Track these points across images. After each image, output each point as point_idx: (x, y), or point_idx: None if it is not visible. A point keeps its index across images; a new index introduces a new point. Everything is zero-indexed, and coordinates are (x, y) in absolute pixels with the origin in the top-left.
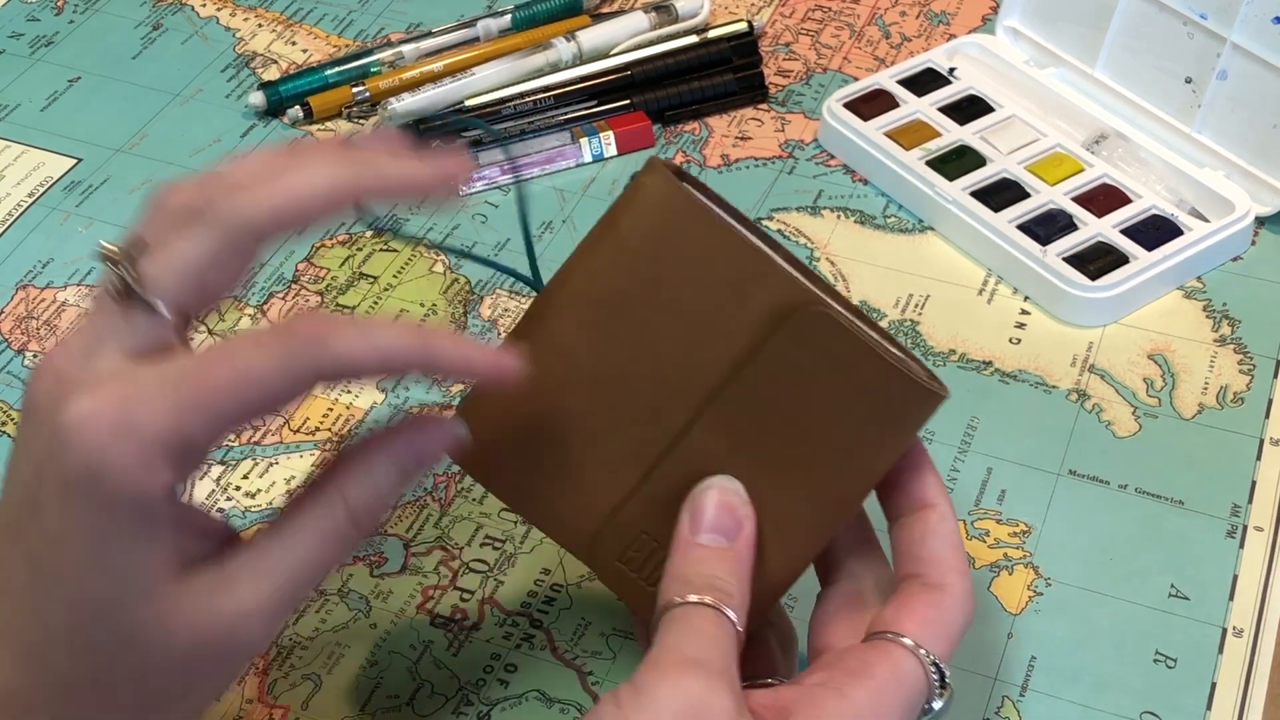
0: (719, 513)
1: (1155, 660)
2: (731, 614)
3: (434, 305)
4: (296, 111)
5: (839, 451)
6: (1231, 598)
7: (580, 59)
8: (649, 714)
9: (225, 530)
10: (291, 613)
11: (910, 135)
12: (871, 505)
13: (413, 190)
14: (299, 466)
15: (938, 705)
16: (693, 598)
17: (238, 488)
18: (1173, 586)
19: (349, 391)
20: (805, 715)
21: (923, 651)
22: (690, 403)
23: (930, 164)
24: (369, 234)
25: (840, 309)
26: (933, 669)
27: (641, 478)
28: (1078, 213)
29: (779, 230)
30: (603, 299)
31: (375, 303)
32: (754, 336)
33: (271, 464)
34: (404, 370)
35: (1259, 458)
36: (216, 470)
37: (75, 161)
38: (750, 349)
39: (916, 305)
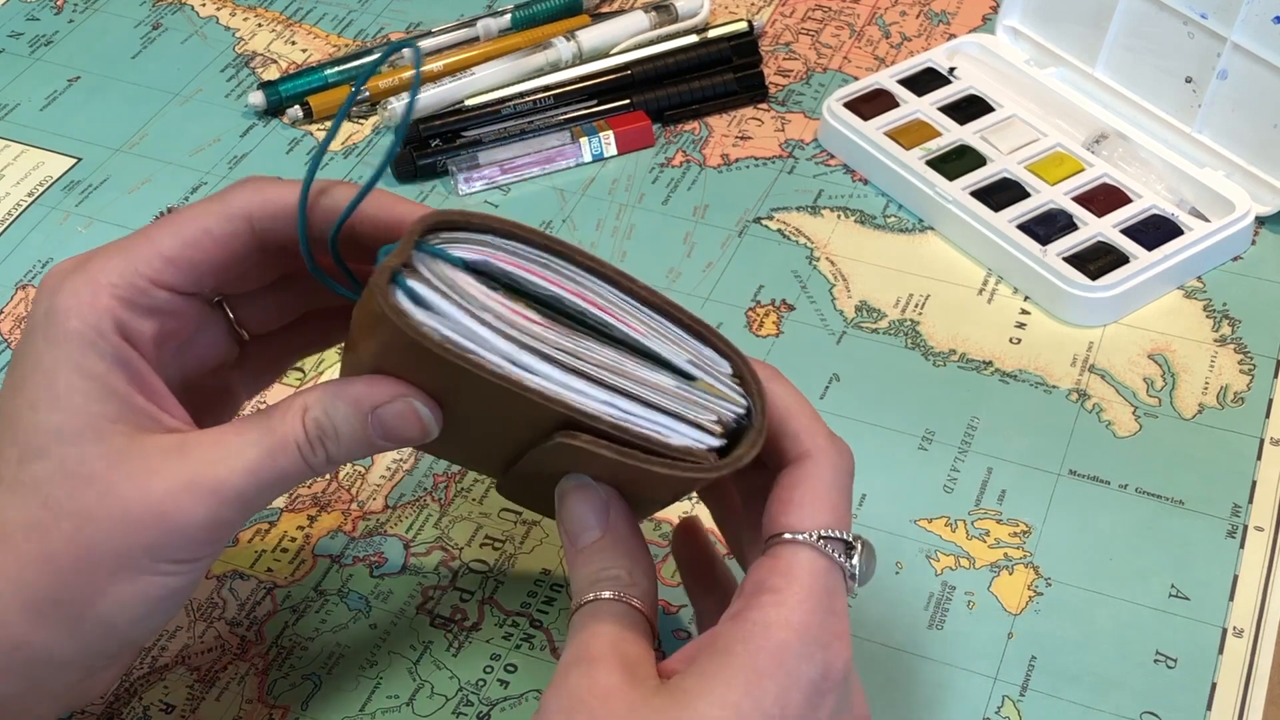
0: (582, 512)
1: (1155, 660)
2: (622, 595)
3: None
4: (296, 111)
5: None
6: (1232, 598)
7: (580, 59)
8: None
9: (188, 419)
10: (242, 516)
11: (910, 135)
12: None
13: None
14: None
15: (857, 571)
16: (592, 596)
17: None
18: (1173, 586)
19: None
20: (711, 649)
21: (804, 535)
22: (503, 460)
23: (930, 164)
24: None
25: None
26: (828, 544)
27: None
28: (1078, 212)
29: (779, 230)
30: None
31: None
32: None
33: None
34: (334, 212)
35: (1259, 458)
36: None
37: (75, 161)
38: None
39: (916, 305)
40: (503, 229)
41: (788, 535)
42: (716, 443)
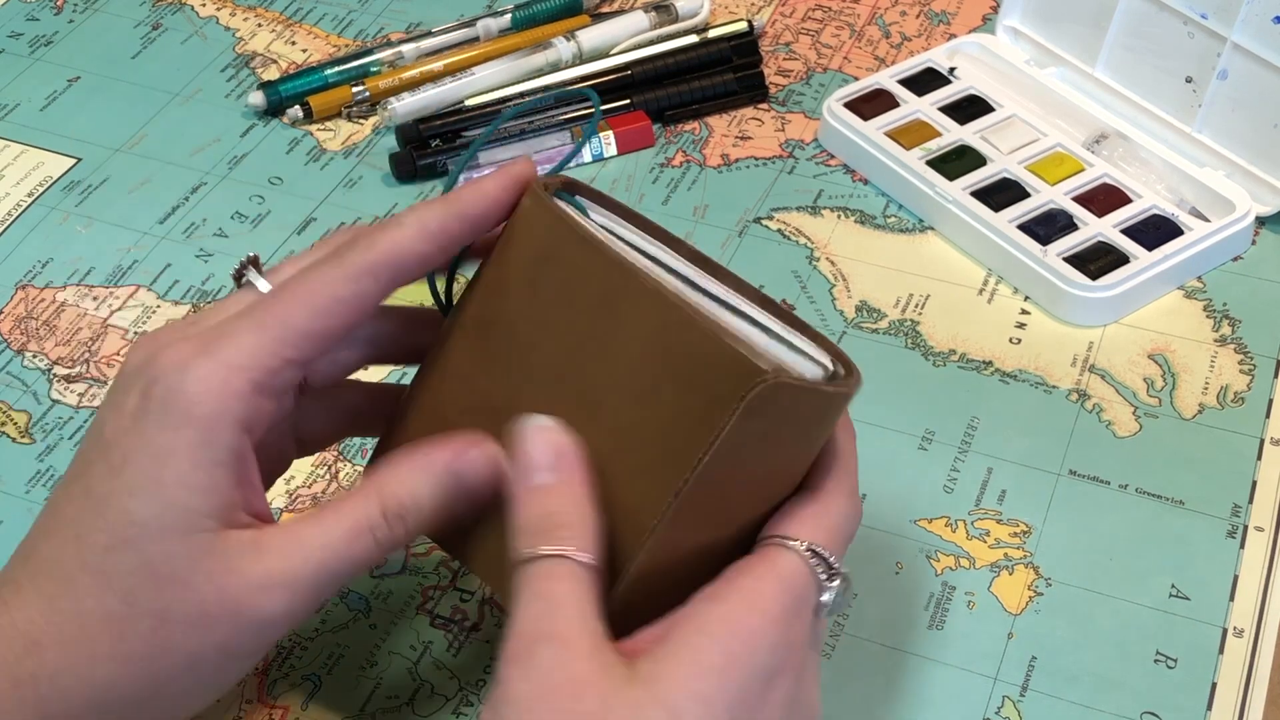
0: (540, 451)
1: (1156, 660)
2: (574, 552)
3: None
4: (296, 111)
5: (781, 477)
6: (1232, 598)
7: (580, 59)
8: (514, 710)
9: (269, 515)
10: (314, 604)
11: (910, 135)
12: None
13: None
14: (297, 465)
15: (828, 598)
16: (527, 551)
17: None
18: (1173, 587)
19: None
20: (682, 631)
21: (796, 543)
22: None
23: (930, 164)
24: None
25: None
26: (813, 557)
27: None
28: (1078, 212)
29: (779, 230)
30: (487, 324)
31: None
32: (654, 376)
33: None
34: (451, 244)
35: (1259, 458)
36: None
37: (75, 161)
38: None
39: (916, 305)
40: (622, 207)
41: (779, 538)
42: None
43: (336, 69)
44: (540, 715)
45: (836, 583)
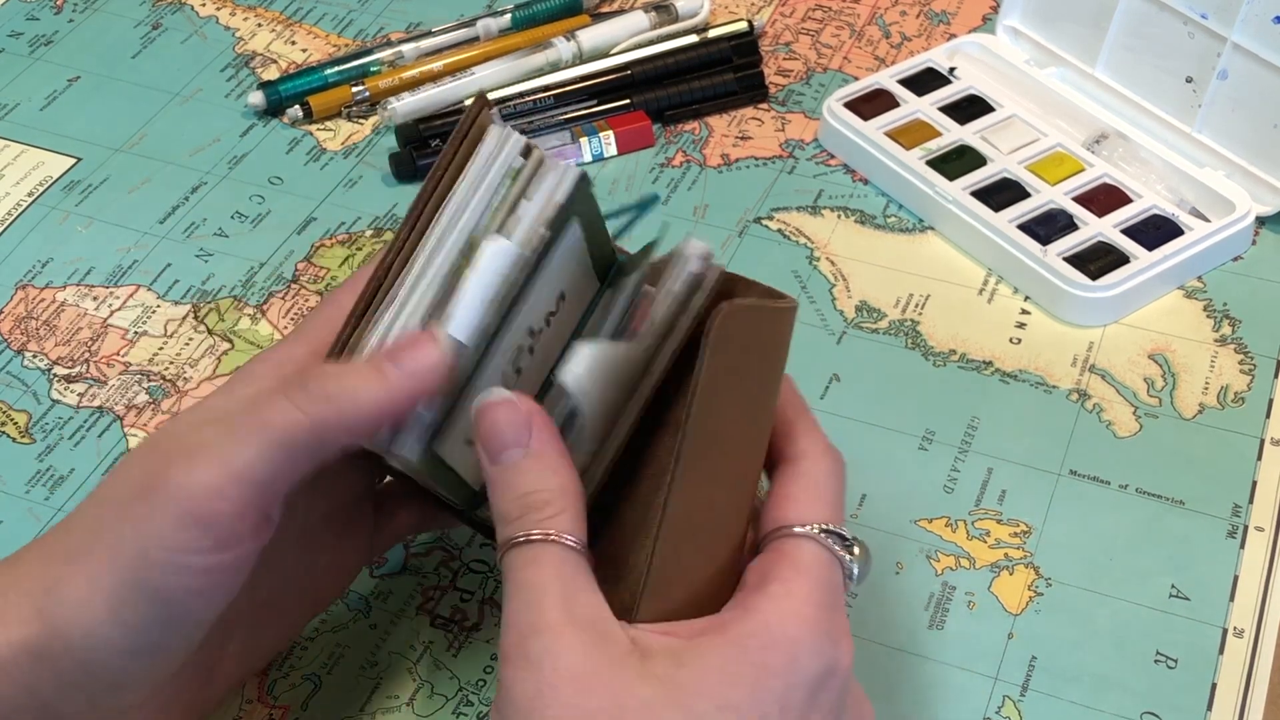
0: (505, 425)
1: (1156, 660)
2: (556, 534)
3: None
4: (296, 111)
5: (759, 418)
6: (1232, 598)
7: (580, 58)
8: (517, 713)
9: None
10: (264, 497)
11: (910, 135)
12: None
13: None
14: None
15: (855, 570)
16: (506, 538)
17: None
18: (1173, 587)
19: None
20: (714, 641)
21: (807, 527)
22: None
23: (930, 164)
24: (369, 233)
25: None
26: (827, 537)
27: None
28: (1078, 212)
29: (779, 230)
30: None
31: None
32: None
33: None
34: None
35: (1260, 458)
36: None
37: (75, 161)
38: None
39: (916, 305)
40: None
41: (791, 528)
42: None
43: (336, 69)
44: (544, 715)
45: (856, 551)
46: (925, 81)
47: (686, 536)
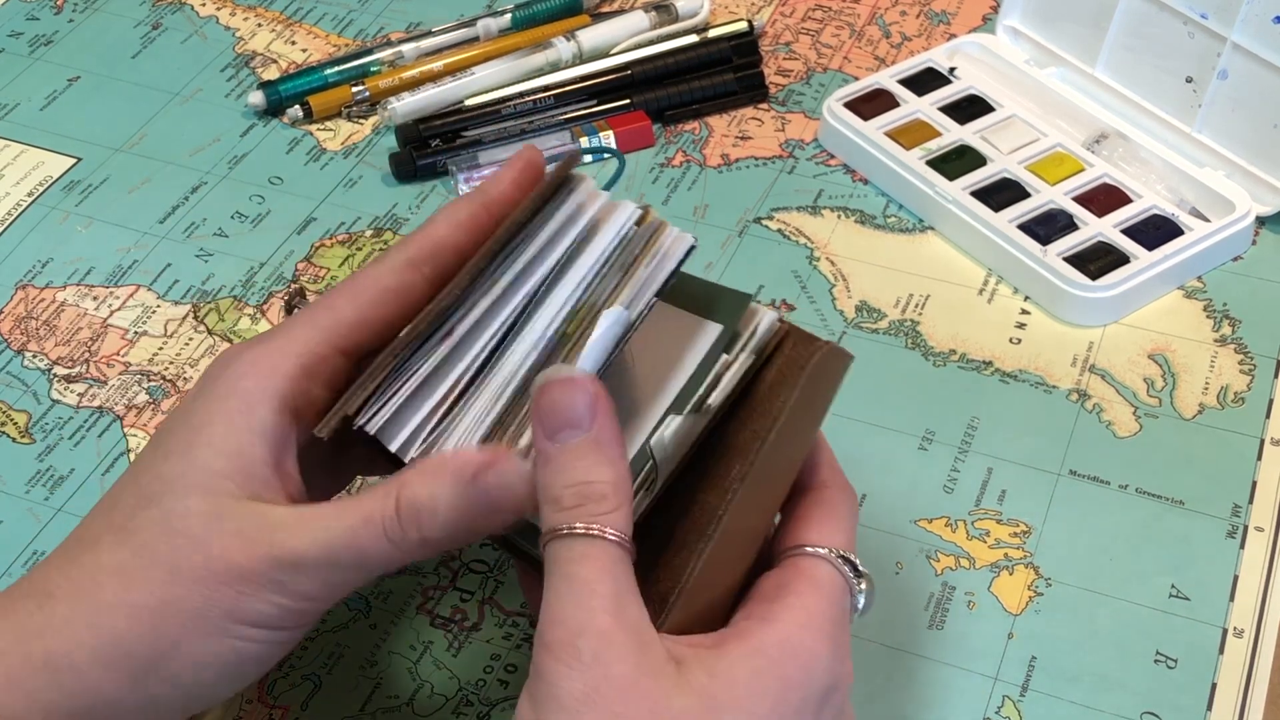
0: (570, 402)
1: (1156, 660)
2: (610, 531)
3: None
4: (296, 111)
5: (802, 451)
6: (1232, 598)
7: (580, 58)
8: (560, 709)
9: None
10: (322, 591)
11: (910, 135)
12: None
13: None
14: None
15: (861, 601)
16: (557, 526)
17: None
18: (1173, 587)
19: None
20: (739, 650)
21: (825, 550)
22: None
23: (930, 164)
24: (369, 233)
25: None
26: (844, 564)
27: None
28: (1078, 212)
29: (779, 230)
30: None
31: None
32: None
33: None
34: (480, 232)
35: (1259, 458)
36: None
37: (75, 161)
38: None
39: (916, 305)
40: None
41: (809, 548)
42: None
43: (336, 69)
44: (589, 717)
45: (864, 585)
46: (925, 81)
47: (721, 554)
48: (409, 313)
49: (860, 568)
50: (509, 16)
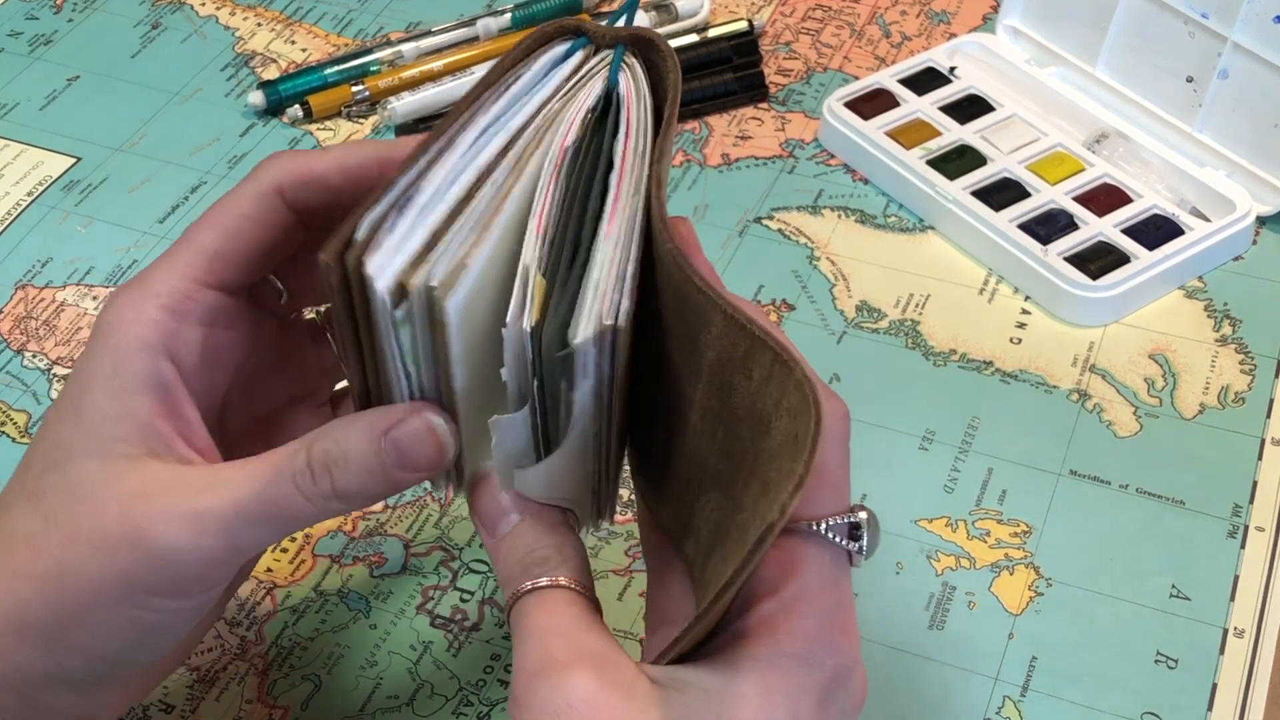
0: (490, 508)
1: (1156, 661)
2: (560, 579)
3: None
4: (296, 111)
5: None
6: (1233, 598)
7: None
8: None
9: (212, 451)
10: (229, 550)
11: (911, 134)
12: None
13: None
14: None
15: (857, 551)
16: (510, 596)
17: None
18: (1174, 587)
19: None
20: (716, 667)
21: (809, 525)
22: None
23: (931, 163)
24: None
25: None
26: (830, 531)
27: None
28: (1078, 212)
29: (779, 229)
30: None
31: None
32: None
33: None
34: (363, 186)
35: (1260, 458)
36: None
37: (74, 160)
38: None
39: (917, 305)
40: None
41: (791, 526)
42: None
43: (336, 68)
44: None
45: (863, 533)
46: (925, 81)
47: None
48: (272, 243)
49: (855, 521)
50: (509, 16)
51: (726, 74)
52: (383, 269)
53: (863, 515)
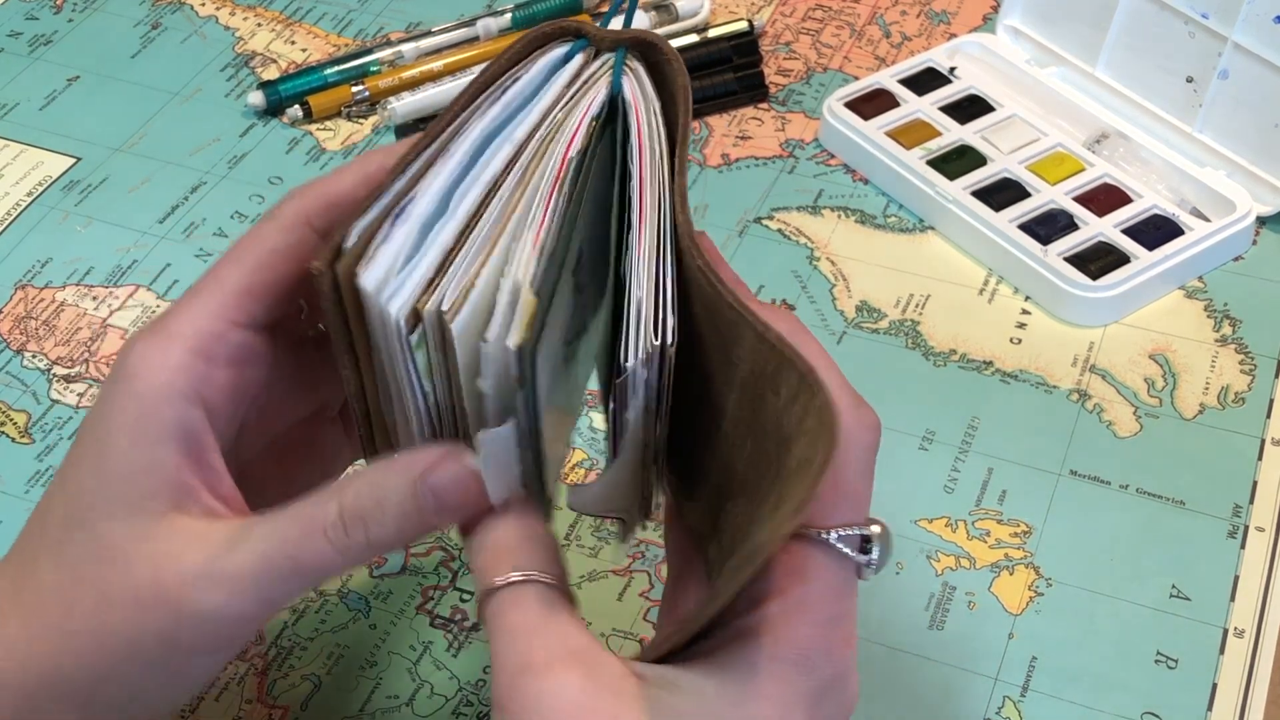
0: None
1: (1156, 661)
2: (534, 572)
3: None
4: (296, 111)
5: None
6: (1233, 598)
7: None
8: None
9: (238, 501)
10: (262, 605)
11: (911, 135)
12: None
13: None
14: None
15: (868, 565)
16: (488, 585)
17: None
18: (1174, 587)
19: None
20: (709, 670)
21: (820, 533)
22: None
23: (931, 163)
24: None
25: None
26: (841, 541)
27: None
28: (1079, 212)
29: (779, 230)
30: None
31: None
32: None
33: None
34: (384, 176)
35: (1260, 458)
36: None
37: (74, 161)
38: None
39: (917, 305)
40: None
41: (814, 533)
42: None
43: (336, 68)
44: None
45: (874, 548)
46: (925, 81)
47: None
48: (303, 273)
49: (868, 534)
50: (509, 16)
51: (726, 74)
52: (381, 283)
53: (875, 529)
